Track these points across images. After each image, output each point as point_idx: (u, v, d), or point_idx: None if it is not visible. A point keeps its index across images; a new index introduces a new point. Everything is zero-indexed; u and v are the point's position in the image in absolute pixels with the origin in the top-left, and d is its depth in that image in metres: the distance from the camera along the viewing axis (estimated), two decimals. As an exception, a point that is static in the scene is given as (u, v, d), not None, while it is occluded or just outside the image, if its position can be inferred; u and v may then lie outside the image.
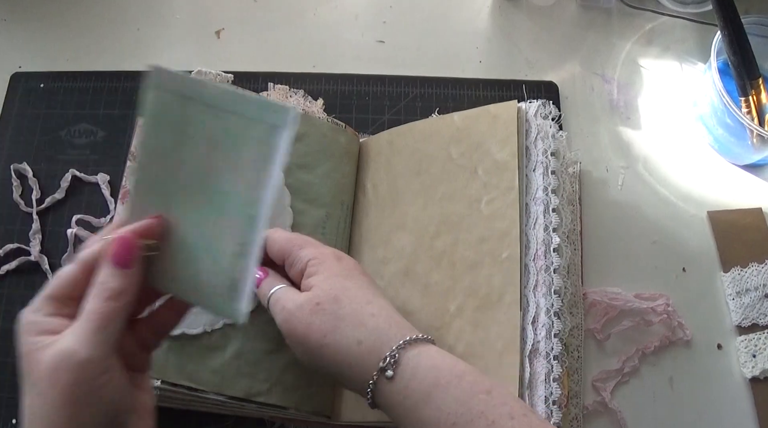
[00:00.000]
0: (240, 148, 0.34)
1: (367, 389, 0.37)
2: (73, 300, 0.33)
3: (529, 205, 0.50)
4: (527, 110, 0.52)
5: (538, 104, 0.52)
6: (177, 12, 0.68)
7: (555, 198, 0.50)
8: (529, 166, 0.51)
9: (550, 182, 0.50)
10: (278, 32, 0.67)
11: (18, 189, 0.59)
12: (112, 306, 0.32)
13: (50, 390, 0.31)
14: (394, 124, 0.61)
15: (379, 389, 0.37)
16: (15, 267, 0.56)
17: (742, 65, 0.57)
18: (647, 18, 0.68)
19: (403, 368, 0.36)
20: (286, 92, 0.60)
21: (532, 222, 0.50)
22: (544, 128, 0.52)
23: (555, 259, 0.48)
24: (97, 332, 0.32)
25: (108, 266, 0.33)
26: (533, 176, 0.51)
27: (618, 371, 0.53)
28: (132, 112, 0.62)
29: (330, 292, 0.39)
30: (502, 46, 0.67)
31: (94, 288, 0.33)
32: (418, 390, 0.35)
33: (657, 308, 0.54)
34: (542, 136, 0.51)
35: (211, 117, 0.35)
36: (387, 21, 0.68)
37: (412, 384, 0.36)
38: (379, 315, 0.39)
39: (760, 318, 0.54)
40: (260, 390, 0.47)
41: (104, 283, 0.33)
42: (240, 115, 0.34)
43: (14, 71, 0.65)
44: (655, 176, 0.61)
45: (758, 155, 0.59)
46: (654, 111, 0.63)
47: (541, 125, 0.52)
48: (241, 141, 0.34)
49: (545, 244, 0.49)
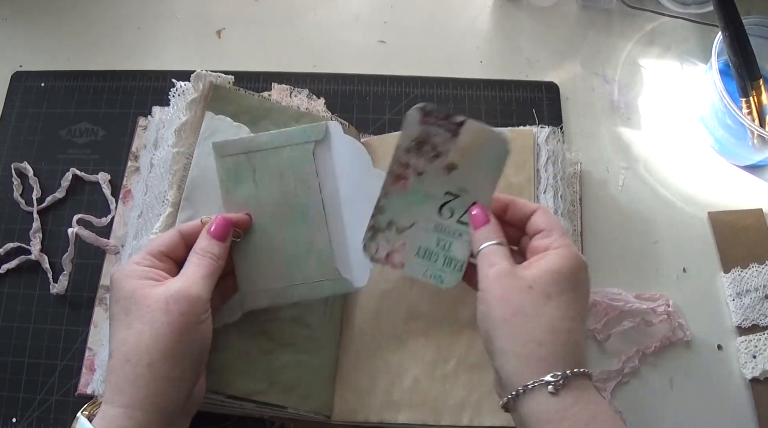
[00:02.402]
0: (302, 166, 0.49)
1: (518, 389, 0.36)
2: (167, 258, 0.42)
3: None
4: (538, 135, 0.55)
5: (549, 130, 0.55)
6: (177, 11, 0.68)
7: (565, 221, 0.52)
8: (540, 188, 0.53)
9: (560, 206, 0.53)
10: (279, 32, 0.67)
11: (18, 188, 0.59)
12: (214, 264, 0.42)
13: (164, 317, 0.38)
14: (394, 124, 0.61)
15: (531, 397, 0.35)
16: (15, 266, 0.56)
17: (743, 66, 0.57)
18: (648, 18, 0.68)
19: (568, 391, 0.35)
20: (290, 91, 0.60)
21: None
22: (555, 154, 0.54)
23: None
24: (204, 278, 0.41)
25: (207, 237, 0.43)
26: (543, 198, 0.53)
27: (618, 371, 0.53)
28: (132, 111, 0.62)
29: (547, 287, 0.37)
30: (503, 46, 0.67)
31: (198, 252, 0.42)
32: (579, 419, 0.34)
33: (657, 309, 0.54)
34: (552, 160, 0.54)
35: (273, 155, 0.49)
36: (387, 21, 0.68)
37: (573, 410, 0.35)
38: (573, 335, 0.37)
39: (760, 319, 0.54)
40: (259, 389, 0.47)
41: (206, 248, 0.42)
42: (293, 144, 0.49)
43: (15, 70, 0.65)
44: (656, 177, 0.61)
45: (759, 155, 0.59)
46: (655, 112, 0.63)
47: (551, 150, 0.54)
48: (301, 161, 0.49)
49: None
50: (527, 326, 0.36)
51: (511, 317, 0.37)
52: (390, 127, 0.61)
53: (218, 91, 0.53)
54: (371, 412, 0.49)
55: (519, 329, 0.36)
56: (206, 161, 0.50)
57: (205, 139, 0.51)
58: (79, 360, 0.53)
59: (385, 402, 0.49)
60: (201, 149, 0.51)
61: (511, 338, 0.36)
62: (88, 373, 0.53)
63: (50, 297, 0.55)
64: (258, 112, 0.53)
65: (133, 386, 0.36)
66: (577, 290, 0.38)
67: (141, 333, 0.37)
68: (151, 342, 0.37)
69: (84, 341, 0.54)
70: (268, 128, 0.52)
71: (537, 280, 0.38)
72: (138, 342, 0.37)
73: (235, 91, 0.53)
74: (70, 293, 0.56)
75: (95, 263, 0.56)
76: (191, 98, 0.52)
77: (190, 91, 0.52)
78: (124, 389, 0.36)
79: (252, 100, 0.54)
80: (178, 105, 0.52)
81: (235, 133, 0.52)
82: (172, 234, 0.43)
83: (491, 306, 0.38)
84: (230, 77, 0.54)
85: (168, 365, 0.37)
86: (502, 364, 0.37)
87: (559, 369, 0.35)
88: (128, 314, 0.38)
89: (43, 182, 0.59)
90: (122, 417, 0.36)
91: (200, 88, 0.52)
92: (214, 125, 0.51)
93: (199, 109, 0.52)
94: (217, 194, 0.49)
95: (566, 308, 0.37)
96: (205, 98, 0.52)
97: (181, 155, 0.50)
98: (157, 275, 0.41)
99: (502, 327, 0.37)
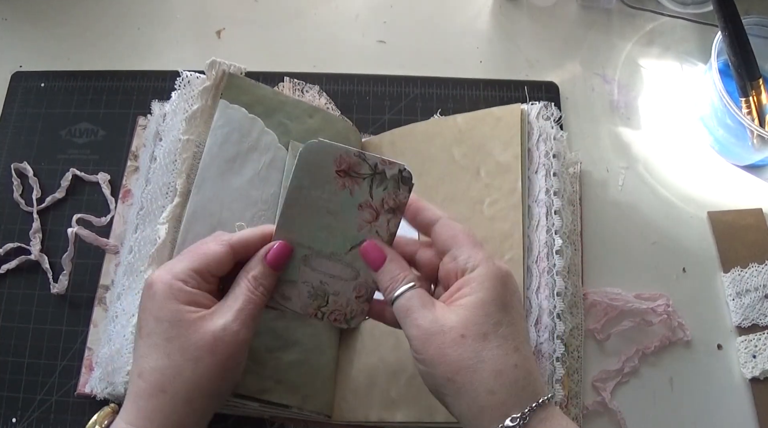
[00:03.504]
0: None
1: None
2: (214, 278, 0.39)
3: (531, 207, 0.50)
4: (529, 112, 0.53)
5: (540, 106, 0.53)
6: (177, 12, 0.68)
7: (557, 200, 0.50)
8: (531, 168, 0.51)
9: (552, 184, 0.50)
10: (279, 32, 0.67)
11: (18, 188, 0.59)
12: (263, 300, 0.39)
13: (209, 357, 0.36)
14: (394, 124, 0.61)
15: None
16: (15, 266, 0.56)
17: (743, 66, 0.57)
18: (648, 18, 0.68)
19: (533, 426, 0.34)
20: (302, 87, 0.60)
21: (534, 224, 0.50)
22: (546, 130, 0.52)
23: (557, 261, 0.49)
24: (253, 318, 0.38)
25: (263, 264, 0.39)
26: (535, 178, 0.51)
27: (618, 371, 0.53)
28: (132, 111, 0.62)
29: (481, 328, 0.35)
30: (503, 46, 0.67)
31: (250, 281, 0.38)
32: None
33: (657, 309, 0.54)
34: (544, 138, 0.52)
35: None
36: (387, 21, 0.68)
37: None
38: (521, 367, 0.35)
39: (760, 319, 0.54)
40: (264, 387, 0.47)
41: (260, 279, 0.39)
42: None
43: (15, 70, 0.65)
44: (656, 177, 0.61)
45: (758, 155, 0.59)
46: (654, 112, 0.63)
47: (543, 126, 0.52)
48: None
49: (548, 246, 0.49)
50: (473, 378, 0.34)
51: (454, 376, 0.34)
52: (390, 127, 0.61)
53: (232, 80, 0.52)
54: (371, 411, 0.49)
55: (465, 384, 0.34)
56: (219, 151, 0.49)
57: (219, 127, 0.50)
58: (79, 360, 0.53)
59: (384, 401, 0.49)
60: (214, 138, 0.50)
61: (459, 394, 0.35)
62: (87, 373, 0.53)
63: (50, 297, 0.55)
64: (272, 103, 0.53)
65: (166, 418, 0.36)
66: (510, 313, 0.36)
67: (182, 369, 0.36)
68: (193, 378, 0.36)
69: (84, 341, 0.54)
70: (281, 121, 0.52)
71: (468, 324, 0.35)
72: (177, 376, 0.36)
73: (249, 81, 0.53)
74: (70, 293, 0.56)
75: (95, 263, 0.56)
76: (204, 86, 0.51)
77: (197, 81, 0.52)
78: (154, 418, 0.36)
79: (266, 91, 0.54)
80: (185, 95, 0.51)
81: (250, 124, 0.51)
82: (223, 251, 0.39)
83: (429, 367, 0.35)
84: (243, 67, 0.53)
85: (206, 401, 0.37)
86: (458, 416, 0.36)
87: (517, 411, 0.34)
88: (169, 342, 0.36)
89: (43, 182, 0.59)
90: None
91: (213, 76, 0.51)
92: (228, 114, 0.51)
93: (211, 97, 0.51)
94: (229, 186, 0.48)
95: (505, 342, 0.35)
96: (217, 87, 0.52)
97: (190, 143, 0.50)
98: (205, 301, 0.38)
99: (447, 385, 0.35)
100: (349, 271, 0.41)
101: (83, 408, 0.52)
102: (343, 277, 0.41)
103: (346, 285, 0.41)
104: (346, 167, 0.39)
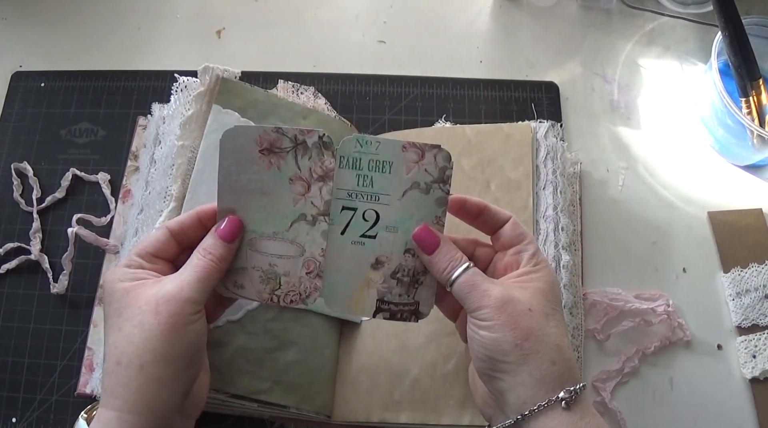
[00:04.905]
0: None
1: (532, 409, 0.36)
2: (157, 258, 0.41)
3: (539, 222, 0.52)
4: (537, 130, 0.54)
5: (548, 125, 0.55)
6: (178, 12, 0.68)
7: (564, 218, 0.52)
8: (539, 184, 0.53)
9: (559, 202, 0.53)
10: (279, 32, 0.67)
11: (18, 188, 0.59)
12: (214, 266, 0.40)
13: (153, 318, 0.37)
14: (394, 124, 0.61)
15: (544, 416, 0.36)
16: (15, 266, 0.56)
17: (743, 66, 0.57)
18: (648, 18, 0.68)
19: (577, 405, 0.37)
20: (296, 89, 0.60)
21: (542, 239, 0.52)
22: (554, 149, 0.54)
23: (564, 275, 0.51)
24: (198, 281, 0.39)
25: (215, 237, 0.40)
26: (542, 195, 0.53)
27: (618, 371, 0.53)
28: (132, 111, 0.62)
29: (544, 308, 0.38)
30: (503, 46, 0.67)
31: (200, 251, 0.40)
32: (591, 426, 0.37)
33: (657, 309, 0.54)
34: (552, 156, 0.54)
35: None
36: (387, 21, 0.68)
37: (581, 424, 0.36)
38: (570, 349, 0.39)
39: (760, 319, 0.54)
40: (261, 388, 0.47)
41: (210, 248, 0.40)
42: None
43: (15, 70, 0.65)
44: (656, 177, 0.61)
45: (759, 155, 0.59)
46: (654, 112, 0.63)
47: (551, 145, 0.54)
48: None
49: (555, 261, 0.51)
50: (539, 347, 0.37)
51: (522, 342, 0.37)
52: (390, 127, 0.61)
53: (226, 84, 0.52)
54: (372, 412, 0.49)
55: (532, 352, 0.37)
56: (212, 155, 0.49)
57: (212, 132, 0.50)
58: (79, 360, 0.53)
59: (387, 402, 0.49)
60: (207, 142, 0.50)
61: (524, 361, 0.37)
62: (87, 373, 0.53)
63: (50, 297, 0.55)
64: (265, 107, 0.53)
65: (125, 389, 0.36)
66: (560, 307, 0.40)
67: (131, 336, 0.37)
68: (141, 344, 0.37)
69: (84, 341, 0.54)
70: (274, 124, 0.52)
71: (534, 302, 0.38)
72: (128, 345, 0.37)
73: (243, 85, 0.53)
74: (70, 293, 0.56)
75: (95, 263, 0.56)
76: (197, 92, 0.51)
77: (193, 85, 0.52)
78: (117, 392, 0.36)
79: (259, 94, 0.54)
80: (182, 99, 0.52)
81: None
82: (161, 233, 0.41)
83: (500, 332, 0.37)
84: (237, 71, 0.54)
85: (159, 367, 0.37)
86: (512, 387, 0.37)
87: (570, 385, 0.36)
88: (119, 317, 0.38)
89: (43, 182, 0.59)
90: (116, 420, 0.36)
91: (207, 81, 0.52)
92: (222, 119, 0.51)
93: (205, 102, 0.52)
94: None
95: (561, 325, 0.39)
96: (212, 92, 0.52)
97: (185, 149, 0.50)
98: (149, 276, 0.40)
99: (513, 352, 0.37)
100: (295, 248, 0.41)
101: (83, 408, 0.51)
102: (289, 255, 0.41)
103: (294, 263, 0.41)
104: (268, 145, 0.40)
